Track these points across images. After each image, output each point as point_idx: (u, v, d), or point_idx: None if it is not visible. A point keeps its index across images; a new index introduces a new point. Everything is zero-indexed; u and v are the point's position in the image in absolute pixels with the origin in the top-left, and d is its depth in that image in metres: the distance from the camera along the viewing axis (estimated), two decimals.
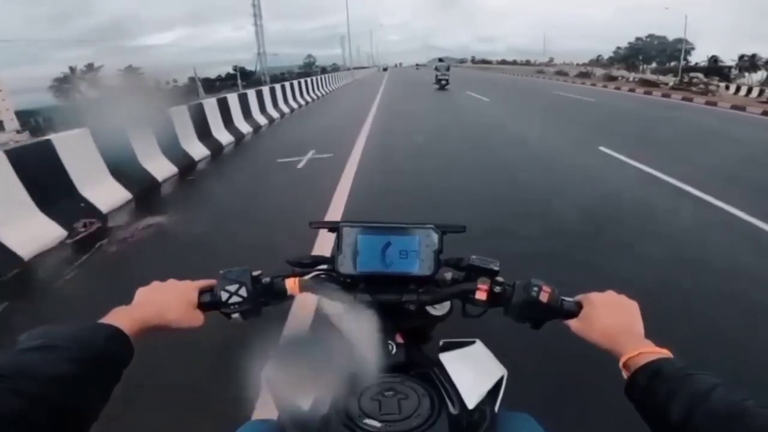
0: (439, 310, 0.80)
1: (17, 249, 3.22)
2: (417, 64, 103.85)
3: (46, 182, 3.79)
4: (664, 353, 0.58)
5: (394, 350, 0.77)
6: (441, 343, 0.86)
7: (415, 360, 0.77)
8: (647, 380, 0.55)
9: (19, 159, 3.55)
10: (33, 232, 3.41)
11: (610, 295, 0.71)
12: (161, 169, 5.57)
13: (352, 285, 0.75)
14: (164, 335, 0.65)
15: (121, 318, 0.57)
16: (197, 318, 0.67)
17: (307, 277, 0.75)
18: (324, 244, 3.06)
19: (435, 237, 0.75)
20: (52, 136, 4.15)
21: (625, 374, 0.60)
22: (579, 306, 0.71)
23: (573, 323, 0.70)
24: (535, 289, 0.70)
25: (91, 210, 4.11)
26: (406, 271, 0.74)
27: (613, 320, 0.66)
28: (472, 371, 0.73)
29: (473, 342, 0.82)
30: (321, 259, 0.80)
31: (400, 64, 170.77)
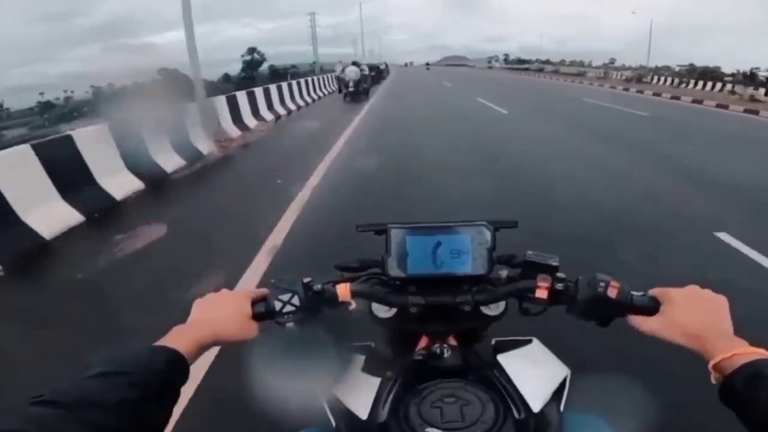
0: (493, 310, 0.77)
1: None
2: (427, 64, 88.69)
3: None
4: (762, 353, 0.53)
5: (449, 353, 0.74)
6: (493, 342, 0.83)
7: (472, 362, 0.74)
8: (746, 384, 0.50)
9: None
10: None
11: (693, 290, 0.65)
12: None
13: (403, 288, 0.73)
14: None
15: (179, 339, 0.57)
16: (252, 329, 0.67)
17: (357, 282, 0.74)
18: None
19: (487, 234, 0.71)
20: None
21: (714, 377, 0.55)
22: (653, 301, 0.66)
23: (648, 321, 0.64)
24: (602, 284, 0.66)
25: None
26: (459, 271, 0.71)
27: (698, 318, 0.61)
28: (534, 372, 0.70)
29: (530, 341, 0.78)
30: (369, 263, 0.78)
31: (411, 63, 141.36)
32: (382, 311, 0.79)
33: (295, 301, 0.67)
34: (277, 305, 0.67)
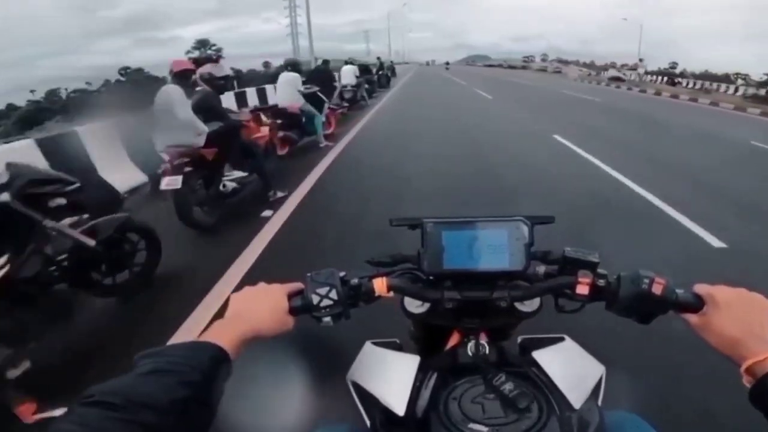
0: (528, 306, 0.76)
1: None
2: (447, 63, 75.35)
3: None
4: None
5: (484, 349, 0.73)
6: (519, 339, 0.82)
7: (508, 359, 0.73)
8: None
9: None
10: None
11: (741, 292, 0.63)
12: None
13: (438, 283, 0.73)
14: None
15: (221, 334, 0.56)
16: (289, 324, 0.66)
17: (393, 276, 0.73)
18: None
19: (525, 229, 0.70)
20: None
21: (746, 380, 0.55)
22: (697, 299, 0.65)
23: (692, 318, 0.64)
24: (646, 280, 0.65)
25: None
26: (496, 267, 0.70)
27: (739, 322, 0.60)
28: (571, 369, 0.69)
29: (561, 338, 0.77)
30: (401, 258, 0.78)
31: (433, 61, 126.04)
32: (415, 306, 0.79)
33: (333, 295, 0.66)
34: (315, 299, 0.66)
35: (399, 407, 0.63)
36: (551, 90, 21.91)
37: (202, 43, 44.09)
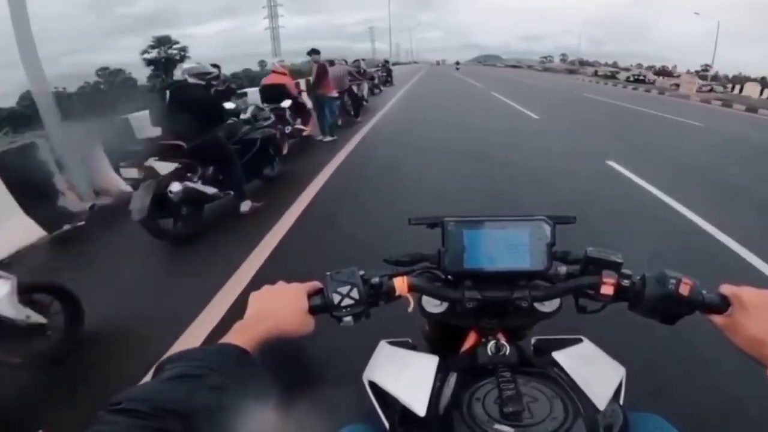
0: (548, 307, 0.76)
1: None
2: (457, 63, 71.91)
3: None
4: None
5: (504, 349, 0.73)
6: (533, 340, 0.82)
7: (529, 359, 0.72)
8: None
9: None
10: None
11: (766, 294, 0.63)
12: None
13: (458, 282, 0.72)
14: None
15: (243, 336, 0.56)
16: (309, 323, 0.65)
17: (413, 275, 0.72)
18: None
19: (547, 229, 0.70)
20: None
21: None
22: (723, 300, 0.64)
23: (717, 319, 0.64)
24: (673, 281, 0.64)
25: None
26: (517, 267, 0.70)
27: (765, 325, 0.59)
28: (592, 370, 0.68)
29: (580, 340, 0.76)
30: (419, 257, 0.77)
31: (443, 60, 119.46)
32: (433, 305, 0.78)
33: (354, 294, 0.66)
34: (336, 298, 0.65)
35: (420, 408, 0.63)
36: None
37: (160, 41, 36.44)
